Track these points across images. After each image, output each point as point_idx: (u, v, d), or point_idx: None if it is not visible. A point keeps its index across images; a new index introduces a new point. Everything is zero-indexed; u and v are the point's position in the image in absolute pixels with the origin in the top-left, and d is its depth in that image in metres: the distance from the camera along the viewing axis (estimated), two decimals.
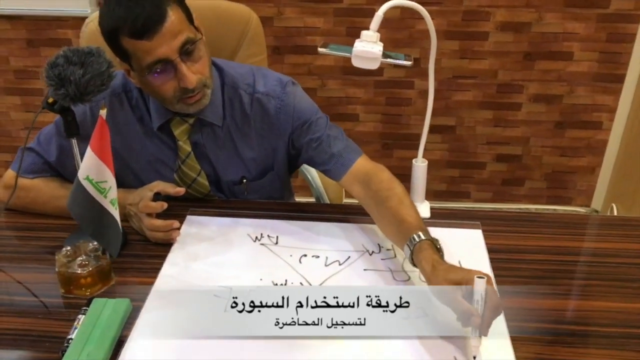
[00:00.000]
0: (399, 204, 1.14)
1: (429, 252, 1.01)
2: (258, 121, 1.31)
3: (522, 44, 2.44)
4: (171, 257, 1.17)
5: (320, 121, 1.31)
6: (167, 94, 1.17)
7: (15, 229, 1.27)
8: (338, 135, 1.30)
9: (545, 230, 1.24)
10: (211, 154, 1.32)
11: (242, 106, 1.30)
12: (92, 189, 0.98)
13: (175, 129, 1.28)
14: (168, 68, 1.14)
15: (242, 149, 1.33)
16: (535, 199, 2.79)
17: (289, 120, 1.30)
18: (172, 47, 1.11)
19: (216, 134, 1.31)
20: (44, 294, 1.08)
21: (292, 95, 1.30)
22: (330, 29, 2.45)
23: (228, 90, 1.30)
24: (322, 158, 1.29)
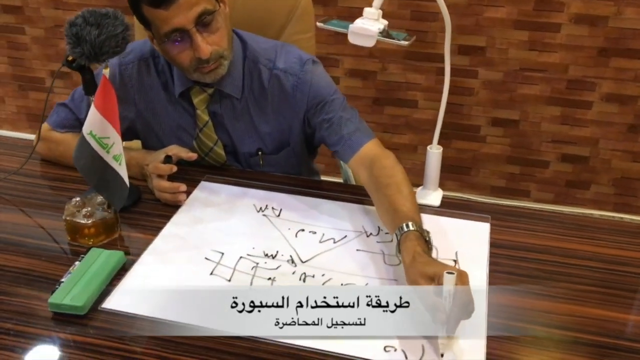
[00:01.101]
0: (396, 192, 1.13)
1: (413, 243, 0.99)
2: (275, 97, 1.33)
3: (597, 39, 2.30)
4: (175, 218, 1.22)
5: (336, 102, 1.31)
6: (184, 62, 1.21)
7: (44, 178, 1.37)
8: (351, 117, 1.30)
9: (556, 231, 1.18)
10: (229, 125, 1.36)
11: (261, 81, 1.32)
12: (95, 144, 1.04)
13: (194, 98, 1.32)
14: (184, 37, 1.17)
15: (259, 123, 1.35)
16: (600, 205, 2.63)
17: (305, 98, 1.31)
18: (188, 17, 1.14)
19: (234, 106, 1.34)
20: (52, 239, 1.16)
21: (310, 73, 1.31)
22: (395, 11, 2.41)
23: (249, 64, 1.32)
24: (332, 139, 1.29)
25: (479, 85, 2.49)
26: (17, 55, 2.91)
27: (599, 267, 1.09)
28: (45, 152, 1.38)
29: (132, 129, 1.41)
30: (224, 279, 1.06)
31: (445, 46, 1.14)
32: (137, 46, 1.36)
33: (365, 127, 1.31)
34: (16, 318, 0.97)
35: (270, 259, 1.10)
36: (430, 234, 1.04)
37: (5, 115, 3.11)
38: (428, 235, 1.04)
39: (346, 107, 1.32)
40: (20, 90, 3.01)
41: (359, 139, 1.27)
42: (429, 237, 1.03)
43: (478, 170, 2.68)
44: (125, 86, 1.35)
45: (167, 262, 1.10)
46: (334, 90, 1.33)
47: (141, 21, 1.21)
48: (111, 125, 1.03)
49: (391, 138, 2.68)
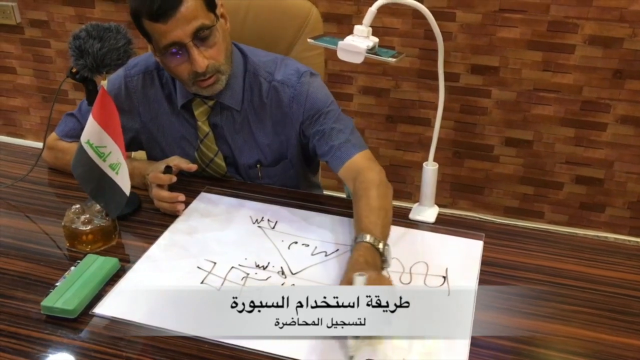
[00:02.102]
0: (365, 205, 1.16)
1: (359, 253, 1.04)
2: (273, 108, 1.35)
3: (611, 61, 2.28)
4: (173, 227, 1.24)
5: (331, 113, 1.33)
6: (182, 75, 1.25)
7: (49, 185, 1.41)
8: (343, 128, 1.32)
9: (549, 250, 1.17)
10: (229, 137, 1.39)
11: (261, 93, 1.35)
12: (92, 153, 1.07)
13: (195, 109, 1.36)
14: (182, 51, 1.21)
15: (258, 135, 1.38)
16: (616, 228, 2.59)
17: (301, 109, 1.33)
18: (185, 32, 1.18)
19: (234, 118, 1.37)
20: (52, 245, 1.19)
21: (307, 85, 1.33)
22: (409, 30, 2.43)
23: (249, 77, 1.35)
24: (323, 149, 1.31)
25: (492, 105, 2.49)
26: (42, 67, 3.00)
27: (588, 288, 1.08)
28: (51, 161, 1.43)
29: (137, 139, 1.45)
30: (213, 287, 1.07)
31: (438, 64, 1.15)
32: (143, 59, 1.40)
33: (357, 139, 1.33)
34: (10, 320, 1.00)
35: (261, 269, 1.12)
36: (388, 248, 1.08)
37: (30, 125, 3.20)
38: (385, 249, 1.07)
39: (340, 119, 1.34)
40: (44, 101, 3.09)
41: (348, 150, 1.29)
42: (385, 250, 1.07)
43: (491, 190, 2.67)
44: (130, 98, 1.40)
45: (160, 269, 1.12)
46: (329, 102, 1.35)
47: (143, 34, 1.25)
48: (108, 135, 1.06)
49: (403, 155, 2.69)
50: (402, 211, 1.30)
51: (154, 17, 1.17)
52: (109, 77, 1.15)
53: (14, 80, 3.07)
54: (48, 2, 2.80)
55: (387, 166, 2.71)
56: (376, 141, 2.68)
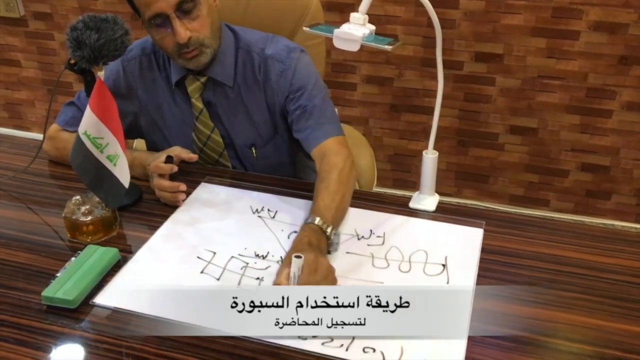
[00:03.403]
0: (324, 187, 1.18)
1: (305, 234, 1.07)
2: (265, 83, 1.37)
3: (617, 47, 2.26)
4: (174, 217, 1.24)
5: (315, 92, 1.35)
6: (167, 47, 1.28)
7: (51, 177, 1.42)
8: (325, 110, 1.34)
9: (550, 238, 1.17)
10: (222, 114, 1.40)
11: (253, 68, 1.37)
12: (89, 144, 1.08)
13: (189, 86, 1.38)
14: (166, 23, 1.24)
15: (253, 112, 1.40)
16: (622, 215, 2.58)
17: (287, 84, 1.35)
18: (169, 3, 1.21)
19: (227, 95, 1.38)
20: (53, 236, 1.20)
21: (295, 60, 1.35)
22: (412, 18, 2.41)
23: (242, 53, 1.37)
24: (300, 125, 1.33)
25: (496, 93, 2.47)
26: (46, 60, 3.01)
27: (588, 275, 1.08)
28: (52, 152, 1.43)
29: (136, 124, 1.46)
30: (213, 277, 1.08)
31: (437, 51, 1.14)
32: (139, 43, 1.42)
33: (336, 123, 1.34)
34: (11, 310, 1.01)
35: (261, 259, 1.12)
36: (337, 234, 1.13)
37: (35, 118, 3.21)
38: (332, 233, 1.11)
39: (325, 100, 1.35)
40: (49, 94, 3.10)
41: (324, 132, 1.31)
42: (333, 235, 1.11)
43: (496, 178, 2.65)
44: (128, 82, 1.42)
45: (160, 260, 1.13)
46: (315, 80, 1.36)
47: (132, 7, 1.28)
48: (105, 126, 1.06)
49: (408, 144, 2.68)
50: (402, 200, 1.30)
51: None
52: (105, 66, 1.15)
53: (19, 73, 3.08)
54: None
55: (391, 155, 2.71)
56: (380, 130, 2.67)
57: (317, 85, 1.36)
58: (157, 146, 1.47)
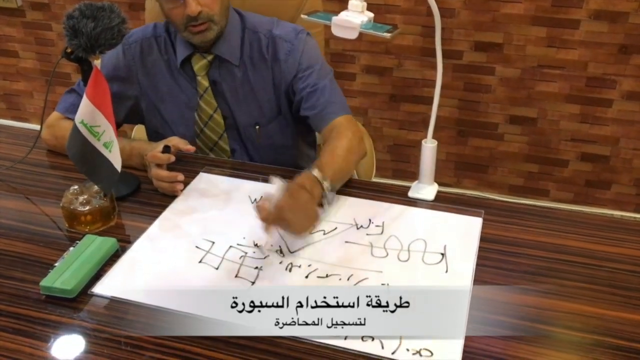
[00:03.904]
0: (329, 150, 1.23)
1: (298, 178, 1.11)
2: (272, 62, 1.41)
3: (617, 36, 2.25)
4: (172, 207, 1.24)
5: (322, 72, 1.39)
6: (176, 18, 1.31)
7: (49, 167, 1.41)
8: (333, 90, 1.38)
9: (550, 227, 1.16)
10: (227, 93, 1.42)
11: (260, 48, 1.40)
12: (86, 132, 1.07)
13: (195, 64, 1.40)
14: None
15: (258, 90, 1.42)
16: (621, 205, 2.57)
17: (295, 64, 1.38)
18: None
19: (233, 73, 1.40)
20: (51, 226, 1.19)
21: (303, 41, 1.39)
22: (411, 7, 2.40)
23: (248, 33, 1.40)
24: (310, 103, 1.37)
25: (496, 82, 2.46)
26: (44, 51, 2.99)
27: (588, 264, 1.07)
28: (51, 141, 1.43)
29: (136, 108, 1.48)
30: (212, 267, 1.08)
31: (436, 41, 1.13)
32: (140, 30, 1.45)
33: (344, 102, 1.39)
34: (9, 300, 1.01)
35: (259, 249, 1.12)
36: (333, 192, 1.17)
37: (34, 109, 3.20)
38: (328, 187, 1.14)
39: (332, 81, 1.40)
40: (47, 85, 3.09)
41: (334, 111, 1.35)
42: (328, 189, 1.14)
43: (496, 168, 2.65)
44: (128, 66, 1.43)
45: (158, 249, 1.12)
46: (322, 61, 1.41)
47: None
48: (102, 114, 1.06)
49: (407, 135, 2.67)
50: (401, 189, 1.29)
51: None
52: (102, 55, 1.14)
53: (17, 64, 3.06)
54: None
55: (391, 145, 2.70)
56: (380, 121, 2.66)
57: (325, 67, 1.41)
58: (157, 131, 1.48)
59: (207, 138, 1.46)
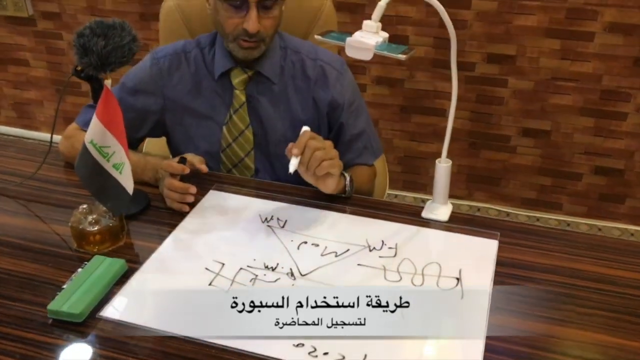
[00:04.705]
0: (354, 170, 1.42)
1: None
2: (319, 86, 1.42)
3: (632, 48, 2.21)
4: (182, 226, 1.22)
5: (363, 106, 1.49)
6: (228, 27, 1.30)
7: (59, 183, 1.39)
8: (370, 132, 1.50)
9: (567, 250, 1.14)
10: (262, 110, 1.42)
11: (304, 69, 1.42)
12: (95, 153, 1.05)
13: (234, 78, 1.40)
14: (243, 6, 1.27)
15: (296, 109, 1.43)
16: (636, 220, 2.54)
17: (342, 93, 1.42)
18: None
19: (272, 90, 1.41)
20: (60, 245, 1.18)
21: (349, 73, 1.45)
22: (423, 18, 2.38)
23: (290, 54, 1.43)
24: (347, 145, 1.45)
25: (509, 95, 2.44)
26: (55, 60, 3.00)
27: (607, 290, 1.05)
28: (67, 150, 1.42)
29: (161, 122, 1.47)
30: (222, 290, 1.06)
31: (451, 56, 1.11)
32: (169, 46, 1.46)
33: (377, 144, 1.52)
34: (16, 323, 0.99)
35: (270, 271, 1.10)
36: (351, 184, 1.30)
37: (44, 118, 3.20)
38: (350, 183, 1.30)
39: (368, 116, 1.50)
40: (58, 94, 3.09)
41: (365, 160, 1.49)
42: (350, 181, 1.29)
43: (508, 181, 2.62)
44: (154, 79, 1.43)
45: (167, 271, 1.11)
46: (360, 95, 1.49)
47: None
48: (112, 134, 1.04)
49: (418, 147, 2.65)
50: (414, 209, 1.27)
51: None
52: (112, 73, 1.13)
53: (28, 73, 3.07)
54: None
55: (402, 157, 2.68)
56: (390, 132, 2.64)
57: (362, 100, 1.49)
58: (180, 146, 1.48)
59: (234, 154, 1.45)
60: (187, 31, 1.64)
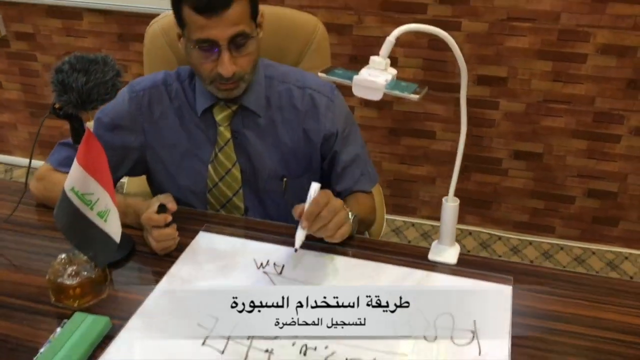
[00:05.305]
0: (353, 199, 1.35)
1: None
2: (309, 116, 1.33)
3: (625, 70, 2.18)
4: (170, 274, 1.13)
5: (357, 132, 1.40)
6: (203, 72, 1.21)
7: (35, 227, 1.28)
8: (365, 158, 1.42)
9: (585, 296, 1.07)
10: (249, 145, 1.33)
11: (292, 99, 1.32)
12: (77, 201, 0.96)
13: (217, 114, 1.30)
14: (213, 50, 1.17)
15: (286, 141, 1.33)
16: (629, 243, 2.49)
17: (336, 120, 1.33)
18: (224, 33, 1.14)
19: (258, 124, 1.32)
20: (36, 299, 1.07)
21: (339, 99, 1.35)
22: (412, 40, 2.32)
23: (276, 83, 1.33)
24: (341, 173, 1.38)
25: (500, 117, 2.38)
26: (29, 82, 2.88)
27: (633, 342, 0.97)
28: (40, 193, 1.31)
29: (141, 160, 1.37)
30: (217, 350, 0.96)
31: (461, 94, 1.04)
32: (148, 78, 1.36)
33: (372, 172, 1.44)
34: None
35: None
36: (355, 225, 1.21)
37: (18, 141, 3.08)
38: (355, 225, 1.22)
39: (363, 144, 1.42)
40: (32, 117, 2.97)
41: (362, 187, 1.40)
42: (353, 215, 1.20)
43: (499, 204, 2.56)
44: (132, 115, 1.32)
45: (156, 328, 1.01)
46: (353, 119, 1.40)
47: (177, 17, 1.21)
48: (95, 180, 0.95)
49: (408, 169, 2.58)
50: (420, 251, 1.19)
51: (199, 10, 1.13)
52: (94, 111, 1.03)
53: (1, 95, 2.94)
54: (33, 15, 2.68)
55: (391, 180, 2.61)
56: (379, 155, 2.57)
57: (356, 125, 1.40)
58: (162, 184, 1.38)
59: (221, 194, 1.35)
60: (173, 55, 1.55)
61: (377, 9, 2.28)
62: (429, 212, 2.66)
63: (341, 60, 2.39)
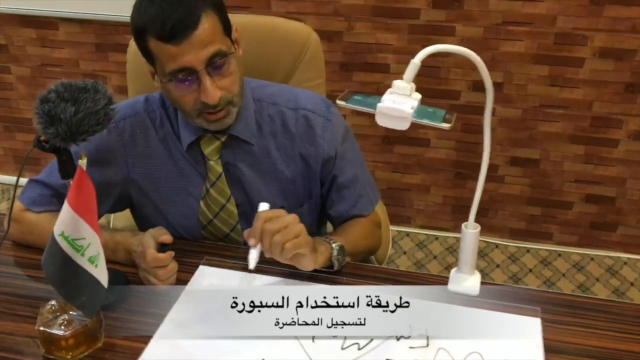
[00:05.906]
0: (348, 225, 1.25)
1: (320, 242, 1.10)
2: (304, 139, 1.22)
3: (623, 74, 2.13)
4: (170, 318, 1.03)
5: (356, 150, 1.29)
6: (187, 105, 1.09)
7: (19, 266, 1.17)
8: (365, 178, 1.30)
9: (619, 327, 1.00)
10: (243, 177, 1.21)
11: (285, 123, 1.21)
12: (67, 247, 0.86)
13: (205, 148, 1.18)
14: (192, 78, 1.05)
15: (282, 168, 1.22)
16: (628, 248, 2.45)
17: (334, 141, 1.22)
18: (199, 57, 1.02)
19: (251, 153, 1.21)
20: (25, 351, 0.97)
21: (336, 116, 1.24)
22: (404, 46, 2.24)
23: (266, 106, 1.21)
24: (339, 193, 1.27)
25: (496, 123, 2.32)
26: (2, 95, 2.75)
27: None
28: (18, 236, 1.20)
29: (125, 195, 1.24)
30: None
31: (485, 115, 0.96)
32: (128, 105, 1.22)
33: (373, 191, 1.32)
34: None
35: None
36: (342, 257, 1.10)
37: None
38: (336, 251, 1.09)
39: (363, 162, 1.31)
40: (6, 131, 2.84)
41: (363, 208, 1.28)
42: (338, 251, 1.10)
43: (496, 211, 2.51)
44: (113, 147, 1.19)
45: None
46: (351, 135, 1.29)
47: (144, 54, 1.08)
48: (87, 224, 0.85)
49: (402, 178, 2.51)
50: (439, 280, 1.12)
51: (165, 38, 1.01)
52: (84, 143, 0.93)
53: None
54: (6, 24, 2.54)
55: (385, 189, 2.53)
56: (372, 164, 2.49)
57: (355, 142, 1.30)
58: (149, 219, 1.25)
59: (217, 231, 1.24)
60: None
61: (368, 14, 2.20)
62: (423, 221, 2.59)
63: (331, 69, 2.30)
